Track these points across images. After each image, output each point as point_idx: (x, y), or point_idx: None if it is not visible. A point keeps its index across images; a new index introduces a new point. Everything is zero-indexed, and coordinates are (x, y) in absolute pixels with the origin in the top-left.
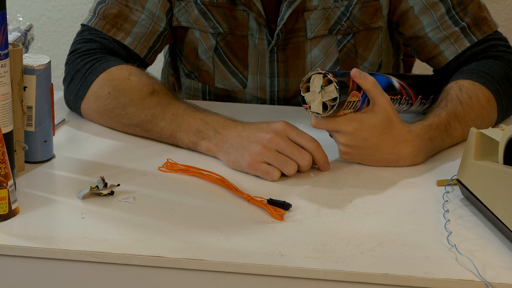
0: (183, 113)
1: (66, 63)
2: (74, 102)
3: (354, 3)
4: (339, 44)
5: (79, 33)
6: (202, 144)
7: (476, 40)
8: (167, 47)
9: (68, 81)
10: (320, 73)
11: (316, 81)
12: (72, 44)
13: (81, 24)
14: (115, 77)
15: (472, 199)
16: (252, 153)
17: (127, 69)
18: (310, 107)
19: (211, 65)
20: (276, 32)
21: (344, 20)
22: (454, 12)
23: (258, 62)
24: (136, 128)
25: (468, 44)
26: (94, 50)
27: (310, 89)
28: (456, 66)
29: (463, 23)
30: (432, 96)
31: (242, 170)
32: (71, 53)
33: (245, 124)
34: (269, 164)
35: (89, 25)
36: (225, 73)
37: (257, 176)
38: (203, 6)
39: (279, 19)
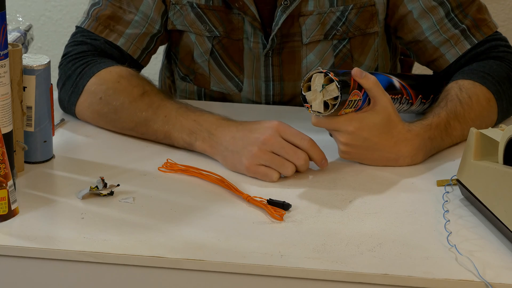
0: (175, 114)
1: (59, 67)
2: (68, 107)
3: (350, 8)
4: (335, 49)
5: (72, 35)
6: (197, 145)
7: (476, 42)
8: (164, 49)
9: (61, 86)
10: (321, 72)
11: (317, 80)
12: (65, 46)
13: (76, 26)
14: (105, 81)
15: (472, 199)
16: (248, 157)
17: (117, 71)
18: (311, 106)
19: (207, 68)
20: (271, 37)
21: (339, 25)
22: (453, 15)
23: (253, 66)
24: (132, 131)
25: (468, 46)
26: (84, 53)
27: (311, 88)
28: (457, 69)
29: (463, 26)
30: (432, 96)
31: (241, 173)
32: (63, 56)
33: (239, 124)
34: (266, 166)
35: (82, 26)
36: (220, 76)
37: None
38: (199, 10)
39: (274, 23)
